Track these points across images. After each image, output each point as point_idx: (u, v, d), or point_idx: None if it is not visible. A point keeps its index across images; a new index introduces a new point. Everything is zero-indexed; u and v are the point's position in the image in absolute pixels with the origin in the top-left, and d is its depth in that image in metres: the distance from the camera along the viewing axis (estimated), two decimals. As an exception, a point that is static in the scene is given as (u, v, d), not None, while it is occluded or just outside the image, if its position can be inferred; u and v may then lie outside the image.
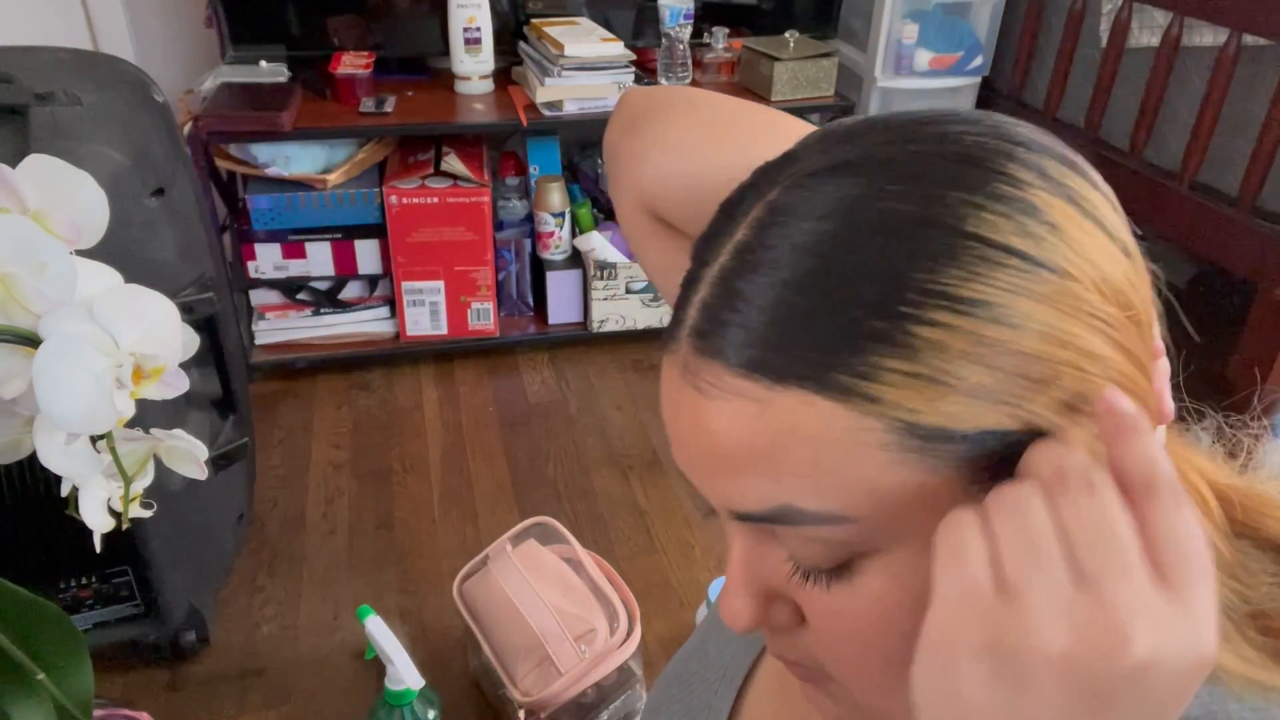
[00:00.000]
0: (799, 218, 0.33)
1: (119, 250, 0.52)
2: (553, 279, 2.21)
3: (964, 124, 0.34)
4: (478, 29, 2.02)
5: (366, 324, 2.16)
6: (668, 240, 0.53)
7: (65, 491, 0.47)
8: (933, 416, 0.30)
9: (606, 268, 2.15)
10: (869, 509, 0.32)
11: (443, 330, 2.15)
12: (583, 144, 2.42)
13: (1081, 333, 0.31)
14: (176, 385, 0.46)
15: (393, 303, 2.13)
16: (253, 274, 2.02)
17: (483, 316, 2.16)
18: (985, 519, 0.30)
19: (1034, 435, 0.31)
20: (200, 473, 0.50)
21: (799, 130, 0.48)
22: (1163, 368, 0.37)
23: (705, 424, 0.34)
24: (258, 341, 2.11)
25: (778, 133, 0.47)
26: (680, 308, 0.36)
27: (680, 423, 0.35)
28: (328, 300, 2.13)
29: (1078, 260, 0.31)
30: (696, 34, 2.20)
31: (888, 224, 0.31)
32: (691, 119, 0.50)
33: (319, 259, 2.04)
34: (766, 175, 0.36)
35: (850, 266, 0.31)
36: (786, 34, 2.14)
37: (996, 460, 0.31)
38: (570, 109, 2.01)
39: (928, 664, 0.30)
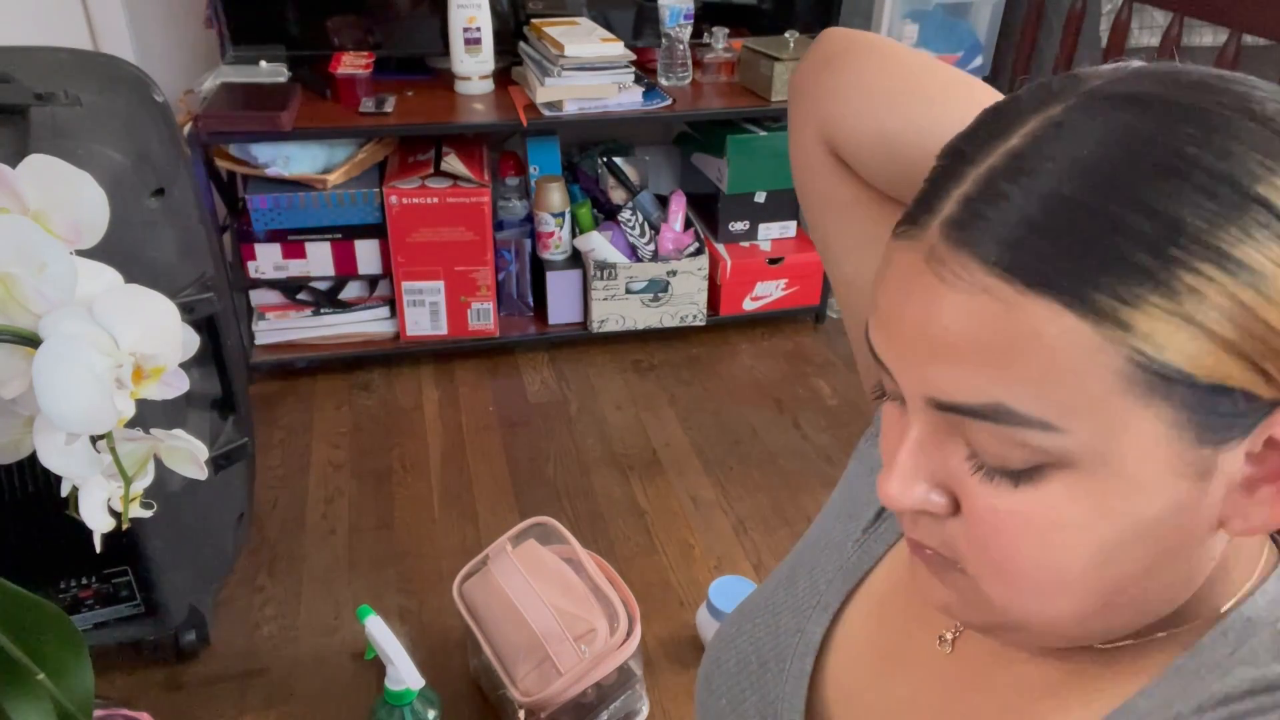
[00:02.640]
0: (1083, 136, 0.33)
1: (119, 250, 0.52)
2: (553, 279, 2.21)
3: (1266, 90, 0.34)
4: (478, 29, 2.02)
5: (366, 324, 2.16)
6: (841, 178, 0.55)
7: (65, 491, 0.47)
8: (1174, 355, 0.32)
9: (606, 268, 2.15)
10: (1081, 426, 0.33)
11: (443, 330, 2.15)
12: (583, 144, 2.42)
13: None
14: (176, 385, 0.46)
15: (393, 303, 2.13)
16: (253, 274, 2.02)
17: (483, 316, 2.16)
18: None
19: (1267, 406, 0.33)
20: (200, 473, 0.50)
21: (993, 94, 0.49)
22: None
23: (939, 311, 0.35)
24: (258, 341, 2.11)
25: (973, 91, 0.49)
26: (933, 197, 0.36)
27: (909, 306, 0.36)
28: (328, 300, 2.13)
29: None
30: (696, 34, 2.20)
31: (1177, 165, 0.31)
32: (891, 68, 0.51)
33: (319, 259, 2.04)
34: (1047, 89, 0.36)
35: (1130, 197, 0.31)
36: (786, 34, 2.14)
37: (1227, 426, 0.33)
38: (570, 109, 2.01)
39: None
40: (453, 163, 2.03)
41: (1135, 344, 0.32)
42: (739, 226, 2.30)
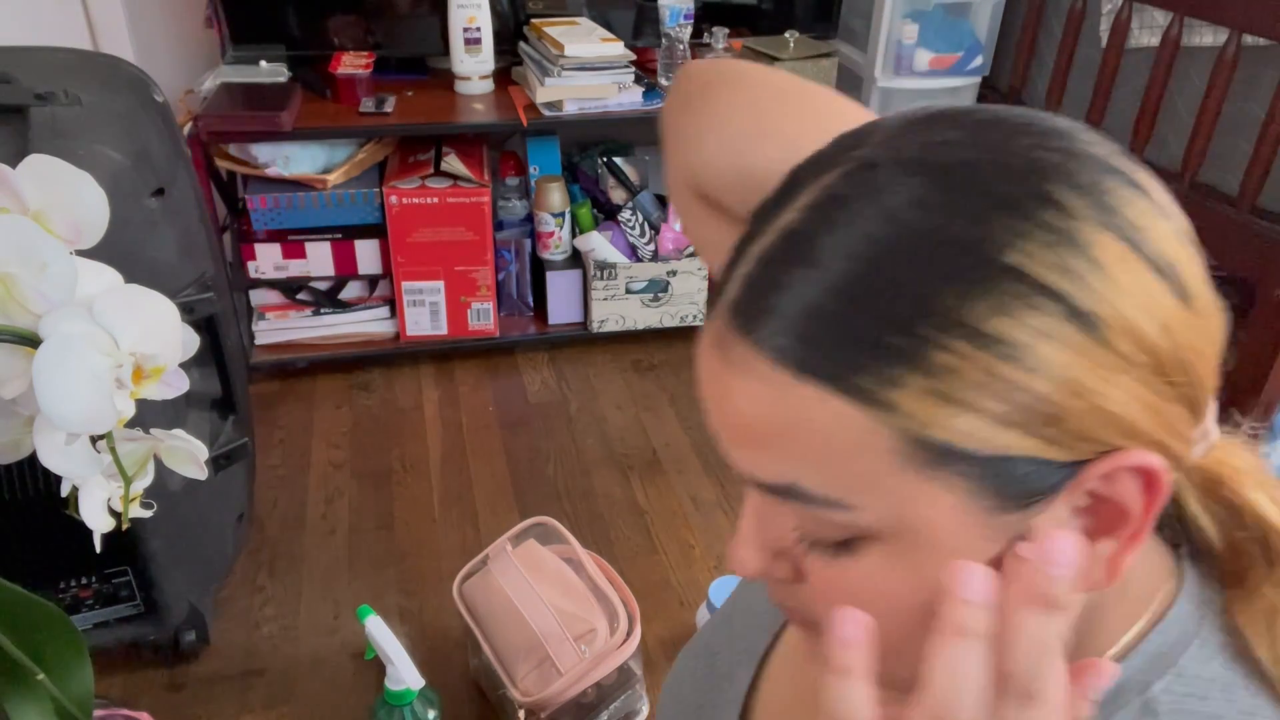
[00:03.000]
0: (848, 216, 0.33)
1: (119, 250, 0.52)
2: (553, 279, 2.21)
3: (1036, 136, 0.33)
4: (478, 29, 2.02)
5: (366, 324, 2.16)
6: (718, 220, 0.53)
7: (65, 491, 0.47)
8: (941, 432, 0.31)
9: (606, 268, 2.15)
10: (871, 503, 0.34)
11: (443, 330, 2.15)
12: (583, 144, 2.42)
13: (1099, 387, 0.31)
14: (176, 385, 0.46)
15: (393, 303, 2.13)
16: (253, 274, 2.02)
17: (483, 316, 2.15)
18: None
19: (1065, 466, 0.32)
20: (200, 473, 0.50)
21: (853, 117, 0.48)
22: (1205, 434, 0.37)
23: (729, 396, 0.35)
24: (258, 341, 2.11)
25: (830, 120, 0.47)
26: (726, 275, 0.37)
27: (710, 390, 0.37)
28: (328, 300, 2.13)
29: (1114, 305, 0.31)
30: (696, 34, 2.20)
31: (929, 241, 0.31)
32: (744, 100, 0.50)
33: (319, 259, 2.04)
34: (832, 153, 0.36)
35: (886, 279, 0.31)
36: (786, 34, 2.14)
37: (1026, 491, 0.33)
38: (570, 109, 2.01)
39: None
40: (453, 163, 2.03)
41: (902, 424, 0.32)
42: (739, 226, 2.30)
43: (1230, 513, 0.41)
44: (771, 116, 0.49)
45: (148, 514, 0.50)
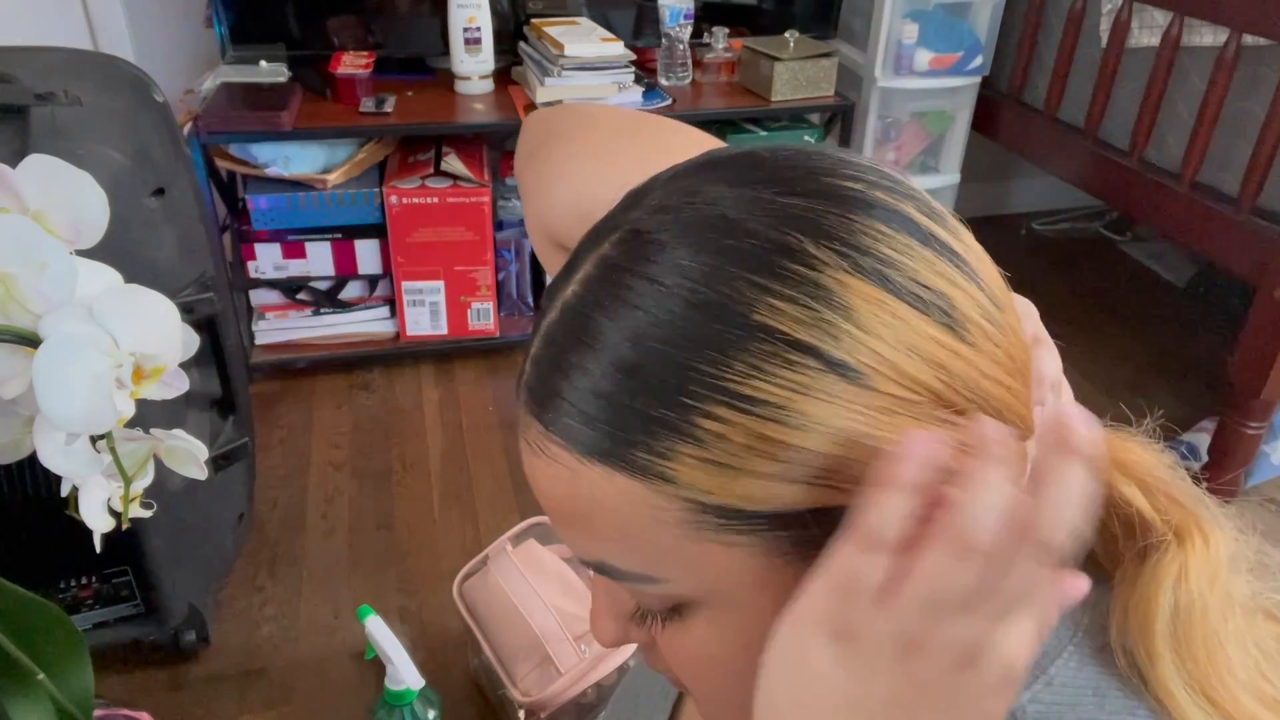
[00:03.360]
0: (616, 290, 0.33)
1: (119, 250, 0.52)
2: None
3: (792, 182, 0.33)
4: (478, 29, 2.02)
5: (366, 324, 2.16)
6: None
7: (65, 491, 0.47)
8: (724, 497, 0.31)
9: (606, 268, 2.15)
10: (675, 574, 0.34)
11: (443, 330, 2.15)
12: (583, 144, 2.42)
13: (876, 432, 0.31)
14: (176, 385, 0.46)
15: (393, 303, 2.13)
16: (253, 274, 2.02)
17: (483, 316, 2.16)
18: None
19: (842, 510, 0.31)
20: (200, 473, 0.50)
21: (689, 149, 0.46)
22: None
23: (537, 479, 0.36)
24: (258, 341, 2.11)
25: (665, 155, 0.46)
26: (526, 354, 0.37)
27: (529, 472, 0.37)
28: (328, 300, 2.13)
29: (872, 349, 0.30)
30: (696, 34, 2.20)
31: (686, 309, 0.31)
32: (581, 146, 0.50)
33: (319, 259, 2.04)
34: (608, 221, 0.36)
35: (653, 352, 0.31)
36: (786, 34, 2.14)
37: (820, 537, 0.32)
38: (570, 109, 2.01)
39: (789, 634, 0.32)
40: (453, 163, 2.03)
41: (684, 494, 0.32)
42: (739, 226, 2.30)
43: (1106, 506, 0.40)
44: (610, 157, 0.49)
45: (148, 514, 0.50)
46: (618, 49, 2.01)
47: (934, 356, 0.31)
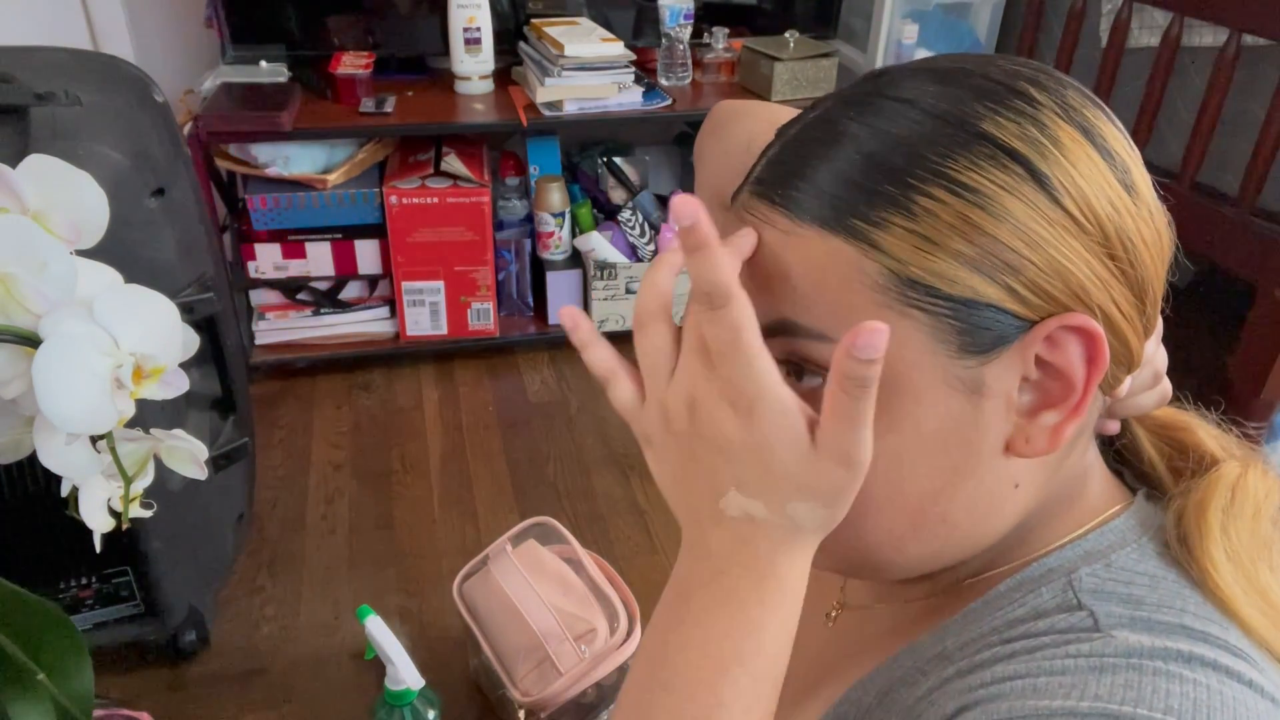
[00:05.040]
0: (861, 105, 0.40)
1: (119, 250, 0.52)
2: (553, 279, 2.21)
3: (1010, 62, 0.41)
4: (478, 29, 2.02)
5: (366, 324, 2.16)
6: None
7: (65, 491, 0.47)
8: (918, 270, 0.37)
9: (606, 268, 2.15)
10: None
11: (443, 330, 2.15)
12: (583, 144, 2.42)
13: (1054, 243, 0.37)
14: (176, 385, 0.46)
15: (393, 303, 2.13)
16: (253, 274, 2.02)
17: (483, 316, 2.16)
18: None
19: (1024, 322, 0.38)
20: (200, 473, 0.50)
21: None
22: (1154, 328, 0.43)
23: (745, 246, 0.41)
24: (258, 341, 2.11)
25: None
26: (757, 162, 0.44)
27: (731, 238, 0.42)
28: (328, 300, 2.13)
29: (1069, 178, 0.37)
30: (696, 34, 2.20)
31: (923, 116, 0.38)
32: (760, 127, 0.55)
33: (319, 259, 2.04)
34: (844, 91, 0.44)
35: (886, 145, 0.38)
36: (786, 34, 2.14)
37: (987, 340, 0.38)
38: (570, 109, 2.01)
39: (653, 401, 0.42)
40: (453, 163, 2.03)
41: (884, 260, 0.38)
42: (739, 226, 2.30)
43: (1176, 449, 0.48)
44: None
45: (148, 514, 0.50)
46: (618, 49, 2.00)
47: (1112, 202, 0.38)
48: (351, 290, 2.15)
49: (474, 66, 2.06)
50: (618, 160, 2.28)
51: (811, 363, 0.40)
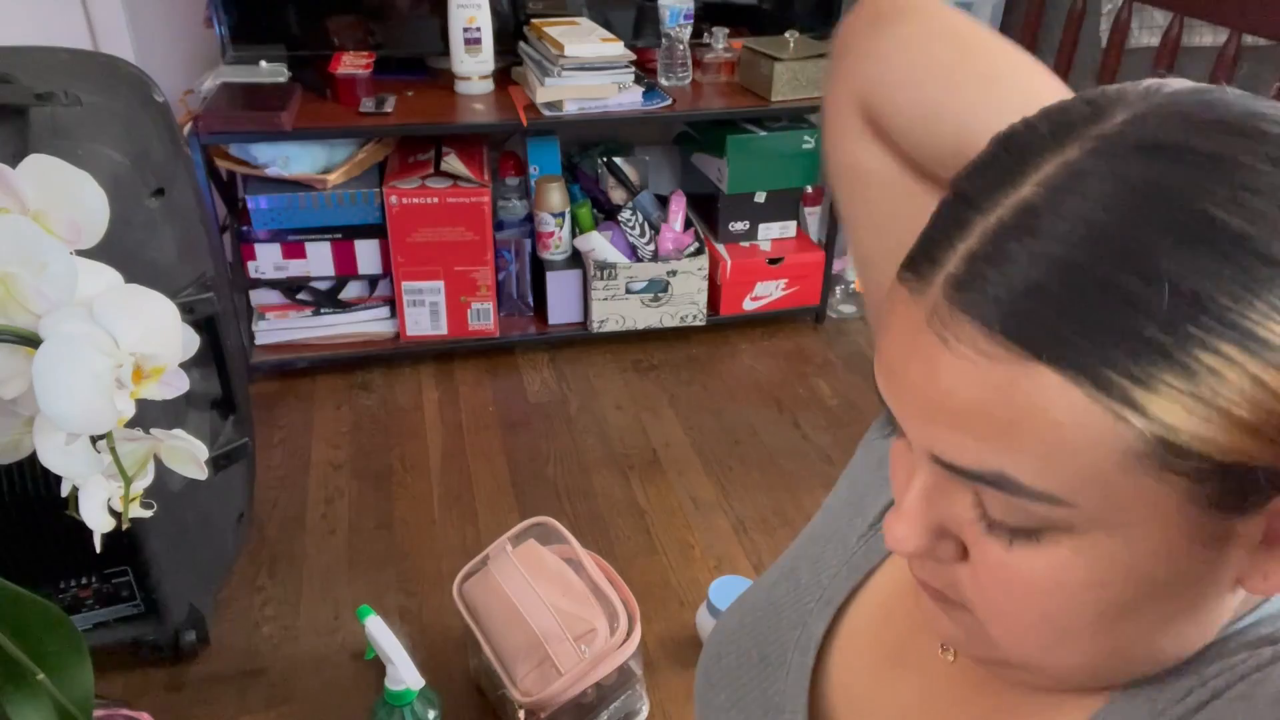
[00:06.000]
0: (1099, 192, 0.31)
1: (119, 250, 0.52)
2: (553, 279, 2.21)
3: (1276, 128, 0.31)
4: (478, 29, 2.02)
5: (366, 324, 2.16)
6: (873, 148, 0.51)
7: (65, 491, 0.47)
8: (1190, 438, 0.30)
9: (606, 268, 2.15)
10: (1089, 501, 0.32)
11: (443, 330, 2.15)
12: (583, 144, 2.42)
13: None
14: (176, 385, 0.46)
15: (393, 303, 2.13)
16: (253, 274, 2.02)
17: (483, 316, 2.15)
18: None
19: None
20: (200, 473, 0.50)
21: (1049, 89, 0.46)
22: None
23: (940, 375, 0.33)
24: (258, 341, 2.11)
25: (1034, 89, 0.45)
26: (936, 247, 0.34)
27: (911, 363, 0.35)
28: (328, 300, 2.13)
29: None
30: (696, 34, 2.20)
31: (1197, 231, 0.29)
32: (946, 37, 0.47)
33: (319, 259, 2.04)
34: (1067, 125, 0.34)
35: (1146, 265, 0.29)
36: (786, 34, 2.14)
37: (1247, 497, 0.31)
38: (570, 109, 2.01)
39: None
40: (453, 163, 2.03)
41: (1148, 425, 0.30)
42: (739, 226, 2.30)
43: None
44: (973, 52, 0.47)
45: (148, 514, 0.50)
46: (618, 49, 2.00)
47: None
48: (351, 290, 2.15)
49: (474, 66, 2.06)
50: (618, 160, 2.28)
51: (1020, 520, 0.34)
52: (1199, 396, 0.29)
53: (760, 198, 2.27)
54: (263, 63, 2.04)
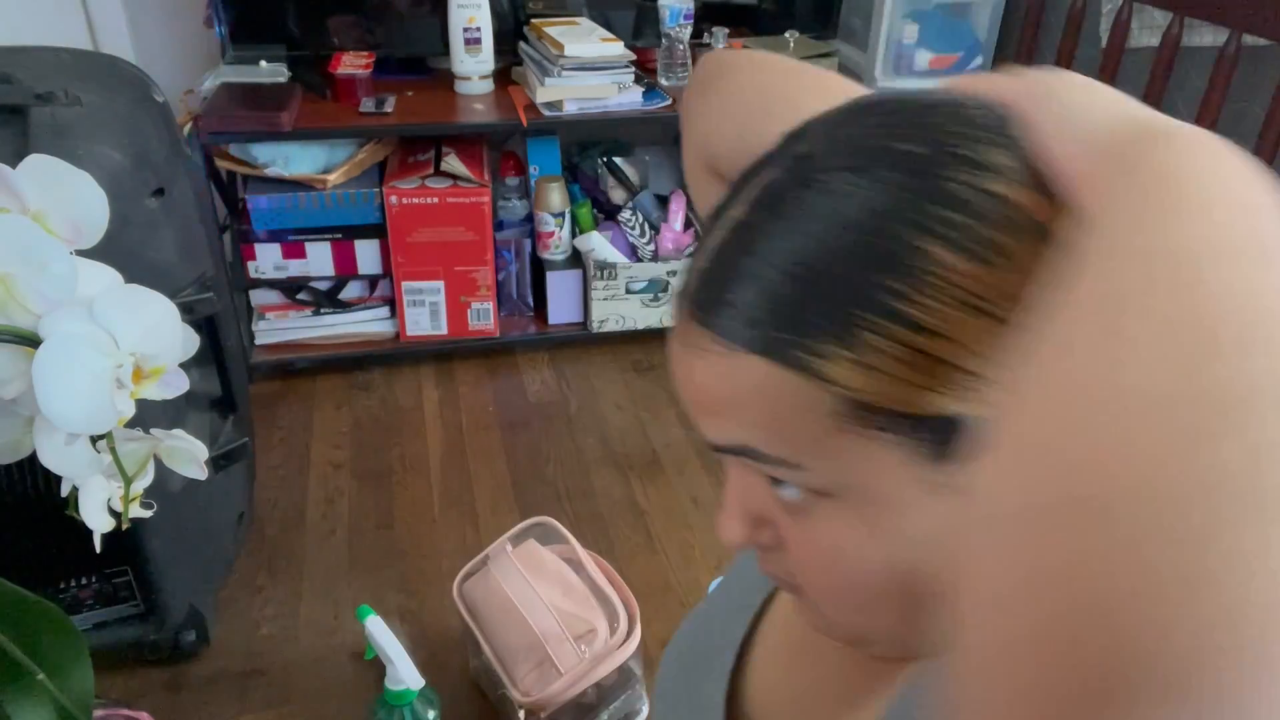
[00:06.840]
0: (787, 208, 0.37)
1: (119, 250, 0.52)
2: (553, 279, 2.21)
3: (944, 116, 0.36)
4: (478, 29, 2.02)
5: (366, 324, 2.16)
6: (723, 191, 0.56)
7: (65, 491, 0.47)
8: (872, 395, 0.35)
9: (606, 268, 2.15)
10: (817, 463, 0.37)
11: (443, 330, 2.15)
12: (583, 144, 2.42)
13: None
14: (176, 385, 0.46)
15: (393, 303, 2.13)
16: (253, 274, 2.02)
17: (483, 316, 2.16)
18: None
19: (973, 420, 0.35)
20: (200, 473, 0.50)
21: (846, 93, 0.50)
22: None
23: (692, 373, 0.40)
24: (258, 341, 2.11)
25: (824, 96, 0.49)
26: (689, 270, 0.41)
27: (678, 369, 0.41)
28: (328, 300, 2.13)
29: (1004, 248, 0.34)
30: (696, 34, 2.20)
31: (851, 235, 0.35)
32: (751, 80, 0.53)
33: (319, 259, 2.04)
34: (774, 152, 0.40)
35: (820, 267, 0.36)
36: (786, 34, 2.14)
37: (945, 440, 0.36)
38: (570, 109, 2.01)
39: None
40: (453, 163, 2.03)
41: (835, 389, 0.35)
42: (739, 226, 2.30)
43: None
44: (775, 93, 0.53)
45: (148, 514, 0.50)
46: (618, 49, 2.00)
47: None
48: (351, 290, 2.15)
49: (474, 66, 2.06)
50: (618, 160, 2.28)
51: (785, 482, 0.39)
52: (866, 362, 0.35)
53: (760, 198, 2.27)
54: (263, 63, 2.04)
